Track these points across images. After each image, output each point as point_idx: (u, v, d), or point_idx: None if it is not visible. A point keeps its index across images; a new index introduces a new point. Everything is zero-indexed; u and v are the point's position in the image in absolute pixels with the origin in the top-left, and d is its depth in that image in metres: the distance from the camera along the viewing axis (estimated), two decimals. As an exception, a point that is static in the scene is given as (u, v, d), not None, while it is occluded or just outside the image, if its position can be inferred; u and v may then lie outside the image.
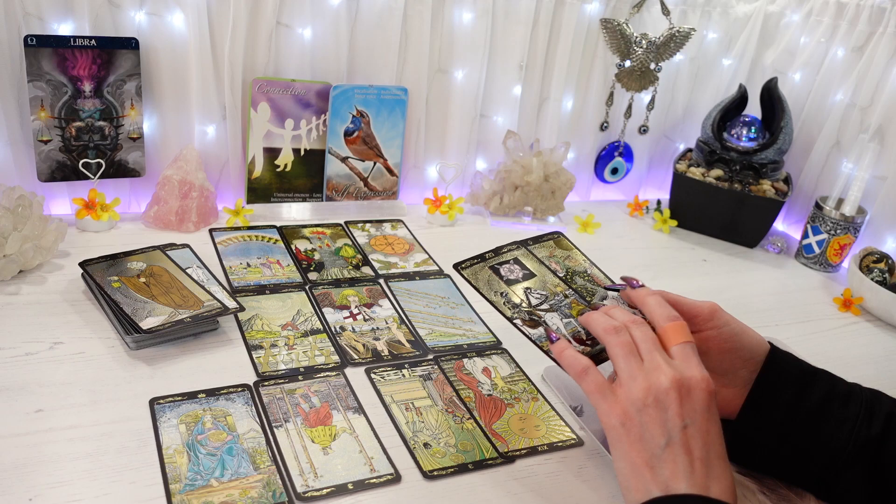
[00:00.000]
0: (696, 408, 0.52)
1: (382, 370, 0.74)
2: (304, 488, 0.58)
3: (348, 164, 1.10)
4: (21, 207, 0.81)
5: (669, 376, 0.53)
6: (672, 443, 0.51)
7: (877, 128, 1.11)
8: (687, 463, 0.50)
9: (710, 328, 0.61)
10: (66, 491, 0.54)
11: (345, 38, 1.03)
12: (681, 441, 0.51)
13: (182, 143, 0.99)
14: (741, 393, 0.61)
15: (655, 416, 0.52)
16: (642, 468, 0.51)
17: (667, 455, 0.51)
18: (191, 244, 0.87)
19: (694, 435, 0.51)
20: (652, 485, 0.50)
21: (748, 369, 0.61)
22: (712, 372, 0.61)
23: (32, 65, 0.87)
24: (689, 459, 0.50)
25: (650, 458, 0.51)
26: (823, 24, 1.19)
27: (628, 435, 0.53)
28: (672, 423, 0.51)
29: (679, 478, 0.50)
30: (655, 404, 0.52)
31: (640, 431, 0.52)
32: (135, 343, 0.71)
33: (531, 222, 1.16)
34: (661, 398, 0.52)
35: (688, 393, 0.52)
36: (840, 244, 1.12)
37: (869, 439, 0.57)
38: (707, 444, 0.51)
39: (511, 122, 1.18)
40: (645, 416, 0.52)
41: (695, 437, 0.51)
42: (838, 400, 0.59)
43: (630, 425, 0.53)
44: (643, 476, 0.51)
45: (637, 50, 1.19)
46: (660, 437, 0.51)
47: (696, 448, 0.51)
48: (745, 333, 0.62)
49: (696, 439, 0.51)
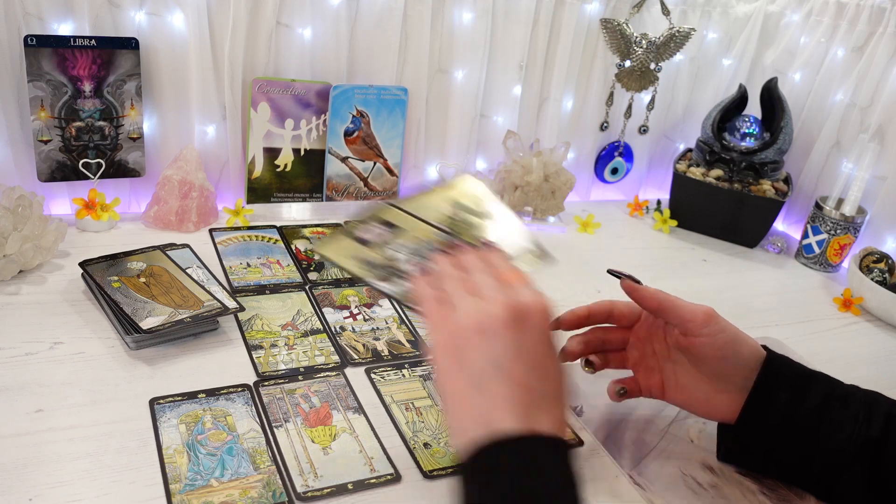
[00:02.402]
0: (528, 326, 0.48)
1: (382, 370, 0.74)
2: (304, 488, 0.58)
3: (348, 164, 1.10)
4: (21, 207, 0.81)
5: (501, 303, 0.48)
6: (495, 365, 0.46)
7: (877, 128, 1.11)
8: (510, 392, 0.46)
9: (704, 335, 0.60)
10: (67, 491, 0.54)
11: (345, 38, 1.03)
12: (503, 367, 0.46)
13: (182, 143, 0.99)
14: (736, 398, 0.61)
15: (477, 342, 0.47)
16: (464, 401, 0.47)
17: (491, 385, 0.46)
18: (190, 244, 0.87)
19: (519, 358, 0.47)
20: (473, 423, 0.46)
21: (741, 376, 0.60)
22: (706, 376, 0.62)
23: (32, 65, 0.87)
24: (514, 388, 0.46)
25: (469, 384, 0.47)
26: (823, 24, 1.19)
27: (449, 358, 0.48)
28: (496, 346, 0.47)
29: (501, 408, 0.45)
30: (483, 332, 0.48)
31: (460, 356, 0.48)
32: (135, 343, 0.71)
33: (531, 222, 1.17)
34: (492, 325, 0.48)
35: (521, 317, 0.48)
36: (840, 244, 1.12)
37: (868, 440, 0.57)
38: (538, 371, 0.47)
39: (511, 122, 1.18)
40: (466, 341, 0.48)
41: (521, 363, 0.47)
42: (836, 402, 0.59)
43: (450, 346, 0.49)
44: (464, 410, 0.47)
45: (637, 50, 1.19)
46: (481, 361, 0.47)
47: (523, 376, 0.46)
48: (739, 341, 0.61)
49: (521, 363, 0.47)
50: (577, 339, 0.66)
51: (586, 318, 0.66)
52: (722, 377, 0.61)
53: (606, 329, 0.67)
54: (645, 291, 0.63)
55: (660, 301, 0.62)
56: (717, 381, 0.61)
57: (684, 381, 0.63)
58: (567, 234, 1.15)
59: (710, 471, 0.65)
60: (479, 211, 0.66)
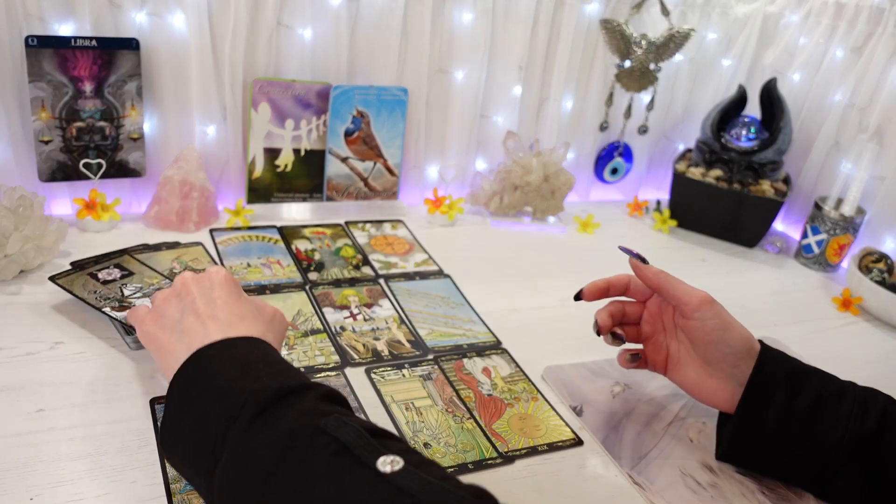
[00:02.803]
0: (209, 284, 0.58)
1: (382, 370, 0.74)
2: (305, 488, 0.58)
3: (348, 164, 1.10)
4: (22, 207, 0.82)
5: (187, 275, 0.60)
6: (185, 313, 0.56)
7: (876, 128, 1.12)
8: (199, 322, 0.55)
9: (695, 318, 0.63)
10: (67, 490, 0.54)
11: (345, 39, 1.03)
12: (192, 309, 0.56)
13: (182, 144, 0.99)
14: (724, 386, 0.63)
15: (174, 302, 0.58)
16: (167, 345, 0.55)
17: (184, 324, 0.55)
18: (179, 243, 0.87)
19: (205, 302, 0.56)
20: (178, 354, 0.53)
21: (728, 363, 0.62)
22: (699, 359, 0.64)
23: (33, 65, 0.87)
24: (201, 319, 0.55)
25: (172, 333, 0.56)
26: (822, 25, 1.19)
27: (153, 323, 0.58)
28: (186, 301, 0.57)
29: (196, 336, 0.54)
30: (174, 295, 0.59)
31: (161, 316, 0.58)
32: (135, 343, 0.71)
33: (531, 222, 1.17)
34: (178, 289, 0.59)
35: (202, 279, 0.59)
36: (839, 244, 1.12)
37: (863, 435, 0.57)
38: (219, 304, 0.57)
39: (511, 123, 1.18)
40: (166, 305, 0.58)
41: (206, 303, 0.56)
42: (832, 398, 0.60)
43: (153, 316, 0.59)
44: (170, 350, 0.55)
45: (637, 50, 1.19)
46: (176, 313, 0.57)
47: (207, 308, 0.56)
48: (729, 329, 0.62)
49: (207, 304, 0.56)
50: (603, 312, 0.68)
51: (606, 290, 0.69)
52: (711, 362, 0.63)
53: (624, 302, 0.70)
54: (648, 270, 0.66)
55: (660, 281, 0.65)
56: (707, 365, 0.64)
57: (683, 361, 0.66)
58: (567, 234, 1.15)
59: (709, 470, 0.65)
60: (198, 269, 0.83)
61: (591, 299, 0.69)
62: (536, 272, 1.00)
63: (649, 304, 0.70)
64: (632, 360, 0.69)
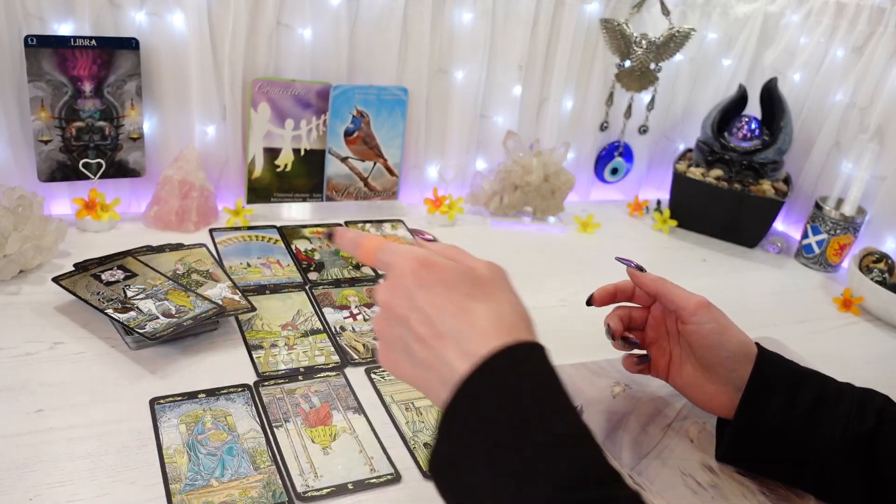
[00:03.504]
0: (404, 288, 0.47)
1: (382, 370, 0.74)
2: (305, 488, 0.58)
3: (348, 164, 1.10)
4: (21, 207, 0.82)
5: (380, 288, 0.49)
6: (409, 341, 0.47)
7: (876, 128, 1.11)
8: (431, 352, 0.45)
9: (692, 322, 0.63)
10: (67, 491, 0.54)
11: (345, 38, 1.03)
12: (413, 336, 0.46)
13: (182, 143, 0.99)
14: (722, 391, 0.63)
15: (388, 326, 0.48)
16: (418, 382, 0.48)
17: (418, 356, 0.46)
18: (182, 244, 0.87)
19: (418, 318, 0.46)
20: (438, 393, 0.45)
21: (726, 367, 0.62)
22: (698, 364, 0.65)
23: (33, 65, 0.87)
24: (429, 346, 0.45)
25: (414, 368, 0.47)
26: (823, 25, 1.19)
27: (387, 357, 0.49)
28: (400, 323, 0.47)
29: (441, 370, 0.45)
30: (384, 318, 0.49)
31: (390, 348, 0.49)
32: (135, 343, 0.71)
33: (531, 222, 1.17)
34: (385, 311, 0.49)
35: (396, 286, 0.48)
36: (840, 244, 1.12)
37: (861, 435, 0.57)
38: (431, 313, 0.46)
39: (511, 123, 1.18)
40: (385, 332, 0.49)
41: (420, 320, 0.46)
42: (830, 400, 0.60)
43: (384, 349, 0.50)
44: (426, 388, 0.47)
45: (637, 50, 1.19)
46: (400, 343, 0.48)
47: (426, 327, 0.46)
48: (726, 333, 0.63)
49: (421, 321, 0.46)
50: (614, 317, 0.69)
51: (613, 295, 0.70)
52: (709, 367, 0.64)
53: (630, 307, 0.71)
54: (645, 278, 0.67)
55: (658, 287, 0.66)
56: (705, 370, 0.64)
57: (683, 366, 0.67)
58: (567, 234, 1.15)
59: (709, 471, 0.65)
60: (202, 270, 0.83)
61: (602, 305, 0.70)
62: (536, 272, 1.00)
63: (653, 308, 0.70)
64: (639, 363, 0.69)
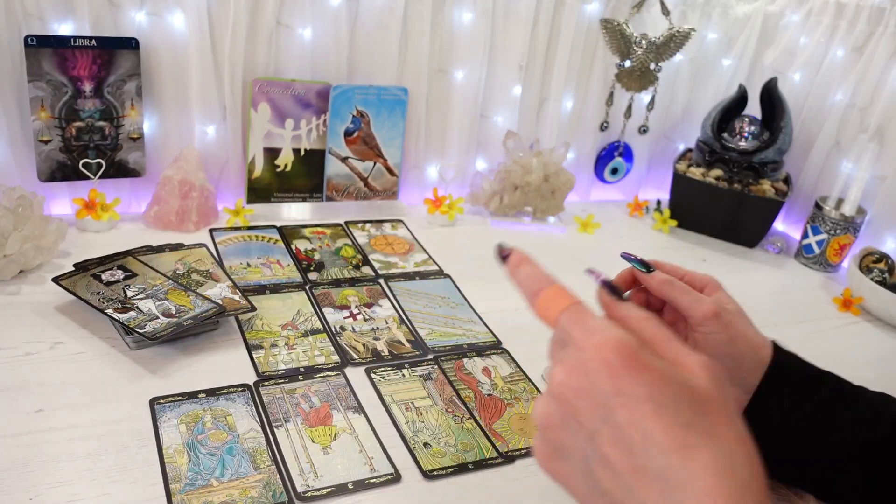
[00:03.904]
0: (600, 394, 0.35)
1: (382, 370, 0.74)
2: (305, 488, 0.58)
3: (348, 164, 1.10)
4: (21, 207, 0.81)
5: (559, 373, 0.37)
6: (590, 459, 0.36)
7: (876, 128, 1.11)
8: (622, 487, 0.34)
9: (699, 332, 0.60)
10: (67, 491, 0.54)
11: (345, 38, 1.03)
12: (598, 455, 0.35)
13: (182, 143, 0.99)
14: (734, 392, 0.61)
15: (562, 428, 0.37)
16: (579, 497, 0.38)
17: (603, 485, 0.35)
18: (183, 244, 0.87)
19: (612, 438, 0.35)
20: None
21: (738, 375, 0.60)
22: None
23: (33, 65, 0.87)
24: (621, 479, 0.34)
25: (589, 492, 0.36)
26: (823, 25, 1.19)
27: (549, 463, 0.39)
28: (580, 429, 0.36)
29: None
30: (558, 416, 0.38)
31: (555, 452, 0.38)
32: (135, 343, 0.71)
33: (531, 222, 1.17)
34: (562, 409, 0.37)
35: (583, 381, 0.36)
36: (840, 244, 1.12)
37: (871, 442, 0.57)
38: (637, 439, 0.34)
39: (511, 122, 1.18)
40: (555, 433, 0.38)
41: (614, 441, 0.35)
42: (841, 403, 0.59)
43: (545, 450, 0.39)
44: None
45: (637, 50, 1.19)
46: (575, 454, 0.37)
47: (622, 456, 0.34)
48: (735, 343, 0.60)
49: (616, 443, 0.34)
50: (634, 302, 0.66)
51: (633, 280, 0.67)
52: None
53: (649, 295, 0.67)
54: (652, 280, 0.63)
55: (664, 292, 0.63)
56: None
57: None
58: (567, 234, 1.15)
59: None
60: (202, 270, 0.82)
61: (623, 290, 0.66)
62: (536, 272, 1.00)
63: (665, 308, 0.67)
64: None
